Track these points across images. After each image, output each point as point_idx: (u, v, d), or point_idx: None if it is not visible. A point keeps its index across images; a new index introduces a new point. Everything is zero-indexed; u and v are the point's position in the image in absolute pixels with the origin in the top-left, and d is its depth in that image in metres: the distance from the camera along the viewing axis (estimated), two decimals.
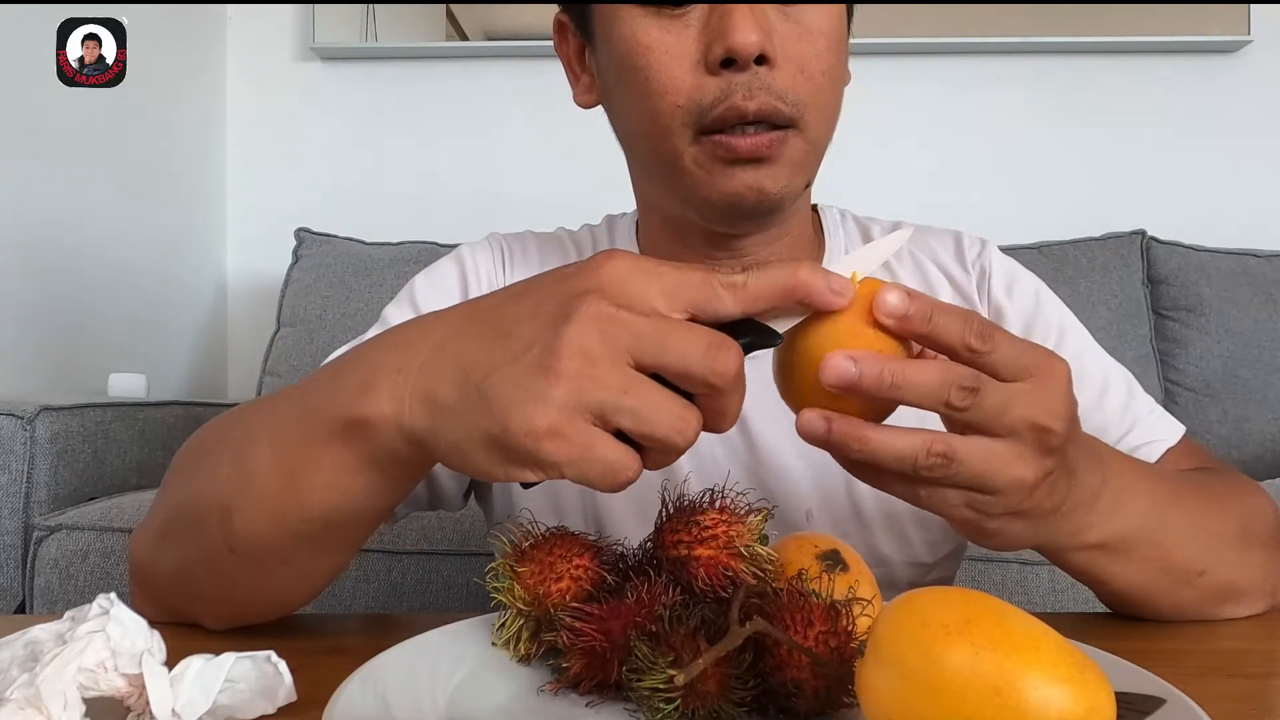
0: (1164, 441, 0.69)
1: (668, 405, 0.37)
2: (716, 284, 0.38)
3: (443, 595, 1.28)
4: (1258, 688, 0.48)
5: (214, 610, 0.55)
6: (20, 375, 1.60)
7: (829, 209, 0.78)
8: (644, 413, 0.37)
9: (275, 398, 0.52)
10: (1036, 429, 0.42)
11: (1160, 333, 1.91)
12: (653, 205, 0.72)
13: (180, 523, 0.53)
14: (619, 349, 0.37)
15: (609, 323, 0.37)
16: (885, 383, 0.39)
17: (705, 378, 0.37)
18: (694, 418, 0.38)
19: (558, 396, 0.37)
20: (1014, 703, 0.30)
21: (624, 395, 0.37)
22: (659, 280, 0.38)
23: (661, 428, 0.37)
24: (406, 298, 0.74)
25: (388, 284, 1.88)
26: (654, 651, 0.39)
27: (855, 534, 0.69)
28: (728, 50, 0.58)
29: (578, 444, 0.37)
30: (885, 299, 0.39)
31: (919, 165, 2.15)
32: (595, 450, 0.37)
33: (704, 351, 0.37)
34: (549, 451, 0.37)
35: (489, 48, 2.22)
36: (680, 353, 0.37)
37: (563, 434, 0.37)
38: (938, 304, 0.40)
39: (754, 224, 0.66)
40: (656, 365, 0.37)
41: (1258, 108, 2.13)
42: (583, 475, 0.37)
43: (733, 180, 0.61)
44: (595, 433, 0.37)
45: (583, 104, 0.71)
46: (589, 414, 0.37)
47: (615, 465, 0.37)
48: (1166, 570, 0.53)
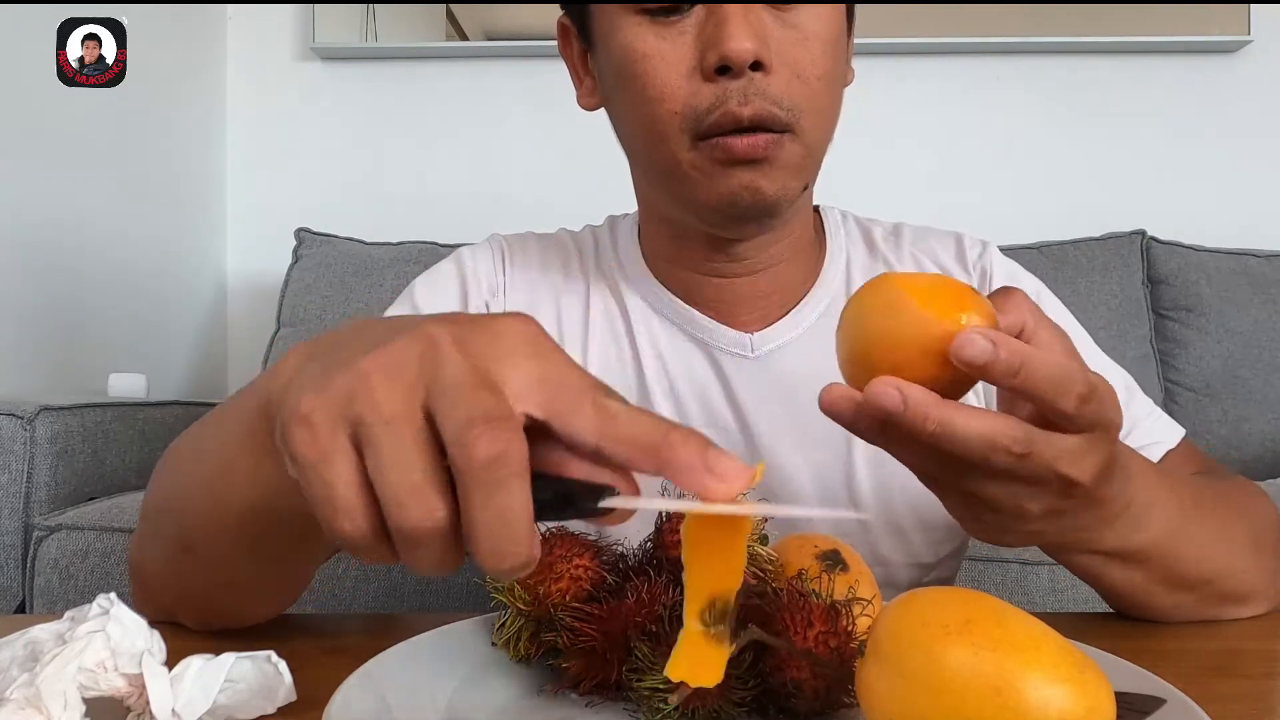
0: (1163, 444, 0.69)
1: (416, 465, 0.30)
2: (589, 397, 0.32)
3: (443, 595, 1.28)
4: (1258, 688, 0.48)
5: (186, 610, 0.55)
6: (20, 375, 1.60)
7: (830, 210, 0.78)
8: (387, 449, 0.30)
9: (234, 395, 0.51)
10: (1065, 481, 0.41)
11: (1160, 333, 1.91)
12: (653, 209, 0.72)
13: (150, 522, 0.54)
14: (419, 381, 0.31)
15: (432, 349, 0.32)
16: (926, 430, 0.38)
17: (454, 440, 0.30)
18: (435, 500, 0.30)
19: (333, 392, 0.31)
20: (1014, 703, 0.30)
21: (383, 424, 0.31)
22: (533, 362, 0.33)
23: (392, 480, 0.30)
24: (407, 300, 0.74)
25: (388, 284, 1.88)
26: (654, 651, 0.39)
27: (856, 534, 0.69)
28: (722, 58, 0.58)
29: (318, 448, 0.31)
30: (967, 345, 0.37)
31: (919, 165, 2.15)
32: (332, 466, 0.31)
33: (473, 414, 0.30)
34: (294, 438, 0.31)
35: (489, 48, 2.22)
36: (453, 403, 0.30)
37: (313, 428, 0.31)
38: (1027, 356, 0.38)
39: (752, 226, 0.66)
40: (432, 408, 0.31)
41: (1258, 108, 2.13)
42: (308, 486, 0.32)
43: (729, 181, 0.61)
44: (345, 453, 0.31)
45: (586, 107, 0.71)
46: (347, 425, 0.31)
47: (337, 499, 0.31)
48: (1173, 578, 0.53)
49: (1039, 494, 0.42)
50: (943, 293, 0.40)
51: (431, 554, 0.32)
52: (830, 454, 0.69)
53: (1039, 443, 0.40)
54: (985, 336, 0.37)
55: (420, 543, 0.31)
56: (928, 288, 0.40)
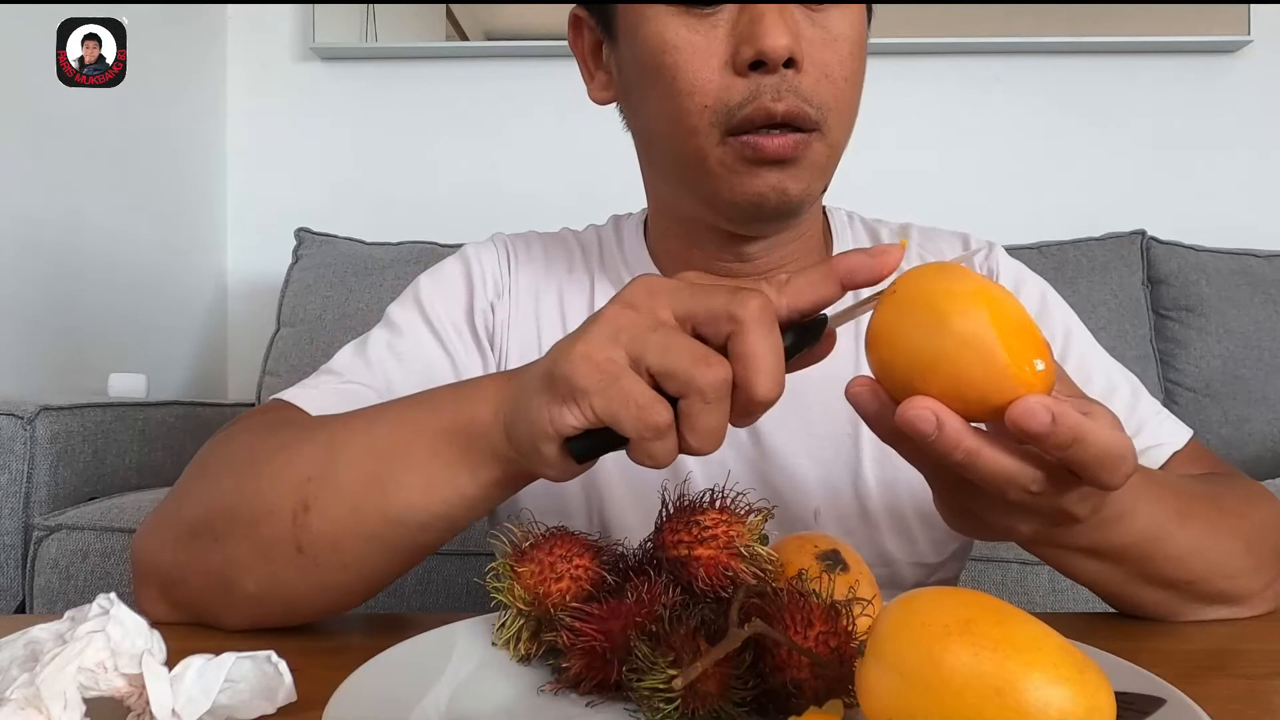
0: (1170, 445, 0.68)
1: (691, 344, 0.40)
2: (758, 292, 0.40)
3: (443, 595, 1.28)
4: (1258, 688, 0.48)
5: (246, 611, 0.54)
6: (20, 375, 1.60)
7: (836, 211, 0.78)
8: (667, 343, 0.40)
9: (369, 408, 0.55)
10: (1064, 514, 0.43)
11: (1160, 333, 1.91)
12: (667, 205, 0.72)
13: (230, 520, 0.53)
14: (659, 301, 0.41)
15: (655, 284, 0.42)
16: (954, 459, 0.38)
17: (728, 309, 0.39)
18: (718, 360, 0.39)
19: (596, 331, 0.41)
20: (1014, 703, 0.30)
21: (650, 331, 0.40)
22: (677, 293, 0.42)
23: (682, 361, 0.39)
24: (411, 297, 0.74)
25: (388, 284, 1.88)
26: (654, 651, 0.39)
27: (861, 533, 0.69)
28: (758, 53, 0.58)
29: (606, 371, 0.40)
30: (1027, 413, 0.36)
31: (919, 165, 2.15)
32: (622, 381, 0.39)
33: (727, 299, 0.39)
34: (581, 375, 0.40)
35: (489, 48, 2.22)
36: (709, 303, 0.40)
37: (594, 359, 0.40)
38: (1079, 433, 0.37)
39: (773, 226, 0.66)
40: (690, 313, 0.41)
41: (1258, 108, 2.13)
42: (609, 406, 0.40)
43: (757, 181, 0.61)
44: (625, 367, 0.40)
45: (598, 100, 0.70)
46: (620, 348, 0.40)
47: (641, 400, 0.39)
48: (1146, 578, 0.54)
49: (1033, 520, 0.44)
50: (1016, 333, 0.37)
51: (720, 414, 0.40)
52: (836, 453, 0.69)
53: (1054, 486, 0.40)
54: (1045, 408, 0.36)
55: (716, 399, 0.39)
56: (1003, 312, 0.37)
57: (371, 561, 0.52)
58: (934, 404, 0.38)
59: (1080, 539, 0.48)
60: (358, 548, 0.50)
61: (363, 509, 0.49)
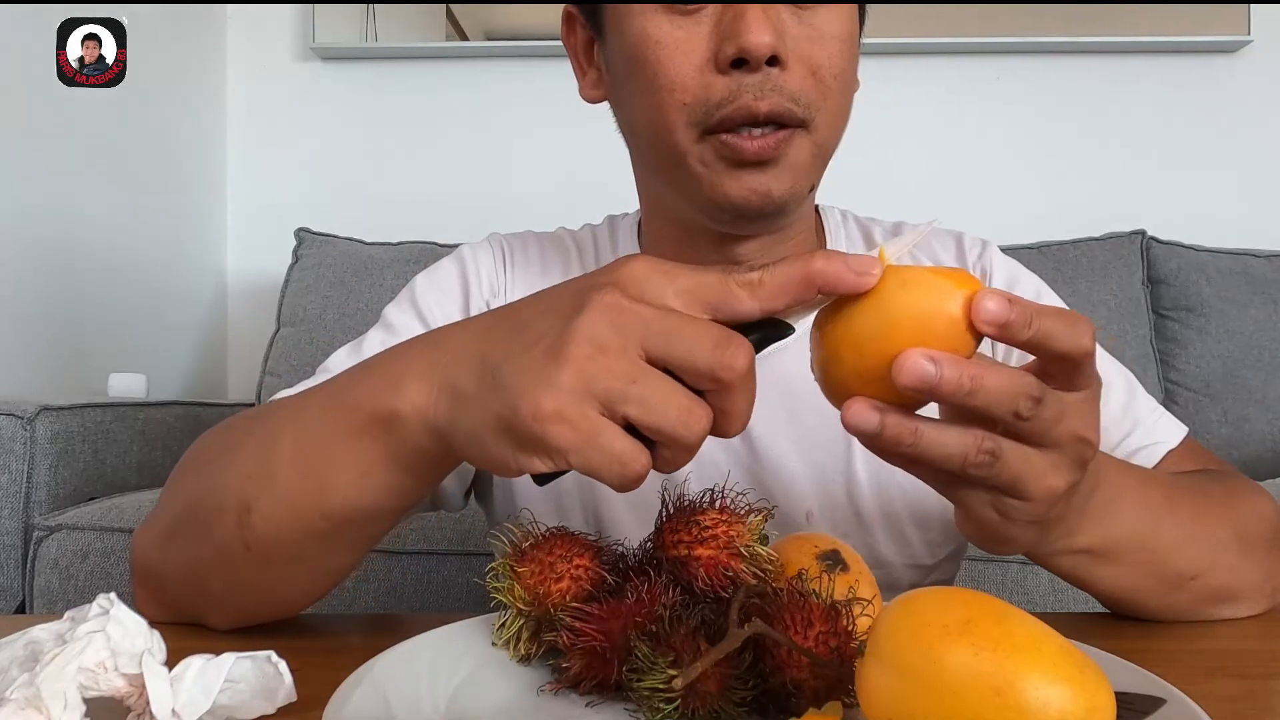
0: (1165, 444, 0.68)
1: (675, 397, 0.37)
2: (733, 285, 0.38)
3: (443, 595, 1.28)
4: (1258, 688, 0.48)
5: (222, 610, 0.55)
6: (20, 375, 1.60)
7: (830, 210, 0.78)
8: (651, 402, 0.37)
9: (301, 395, 0.53)
10: (1079, 441, 0.40)
11: (1160, 333, 1.91)
12: (658, 204, 0.72)
13: (193, 520, 0.53)
14: (629, 338, 0.37)
15: (621, 313, 0.37)
16: (964, 389, 0.36)
17: (713, 371, 0.37)
18: (703, 412, 0.37)
19: (565, 381, 0.37)
20: (1014, 703, 0.30)
21: (631, 384, 0.37)
22: (676, 280, 0.38)
23: (669, 419, 0.37)
24: (407, 297, 0.74)
25: (388, 284, 1.88)
26: (654, 651, 0.39)
27: (855, 535, 0.69)
28: (740, 50, 0.58)
29: (583, 430, 0.37)
30: (985, 304, 0.36)
31: (919, 165, 2.15)
32: (601, 439, 0.37)
33: (712, 345, 0.37)
34: (554, 435, 0.37)
35: (489, 48, 2.22)
36: (688, 346, 0.37)
37: (568, 418, 0.37)
38: (1038, 309, 0.38)
39: (760, 225, 0.66)
40: (665, 357, 0.37)
41: (1258, 108, 2.13)
42: (588, 464, 0.37)
43: (738, 184, 0.61)
44: (602, 422, 0.37)
45: (589, 99, 0.70)
46: (596, 401, 0.37)
47: (622, 457, 0.37)
48: (1156, 575, 0.53)
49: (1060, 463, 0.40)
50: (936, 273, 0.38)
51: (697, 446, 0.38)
52: (829, 455, 0.69)
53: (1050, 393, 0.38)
54: (926, 358, 0.36)
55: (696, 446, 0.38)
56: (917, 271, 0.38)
57: (322, 555, 0.51)
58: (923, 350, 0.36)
59: (1078, 538, 0.48)
60: (304, 544, 0.49)
61: (301, 508, 0.48)
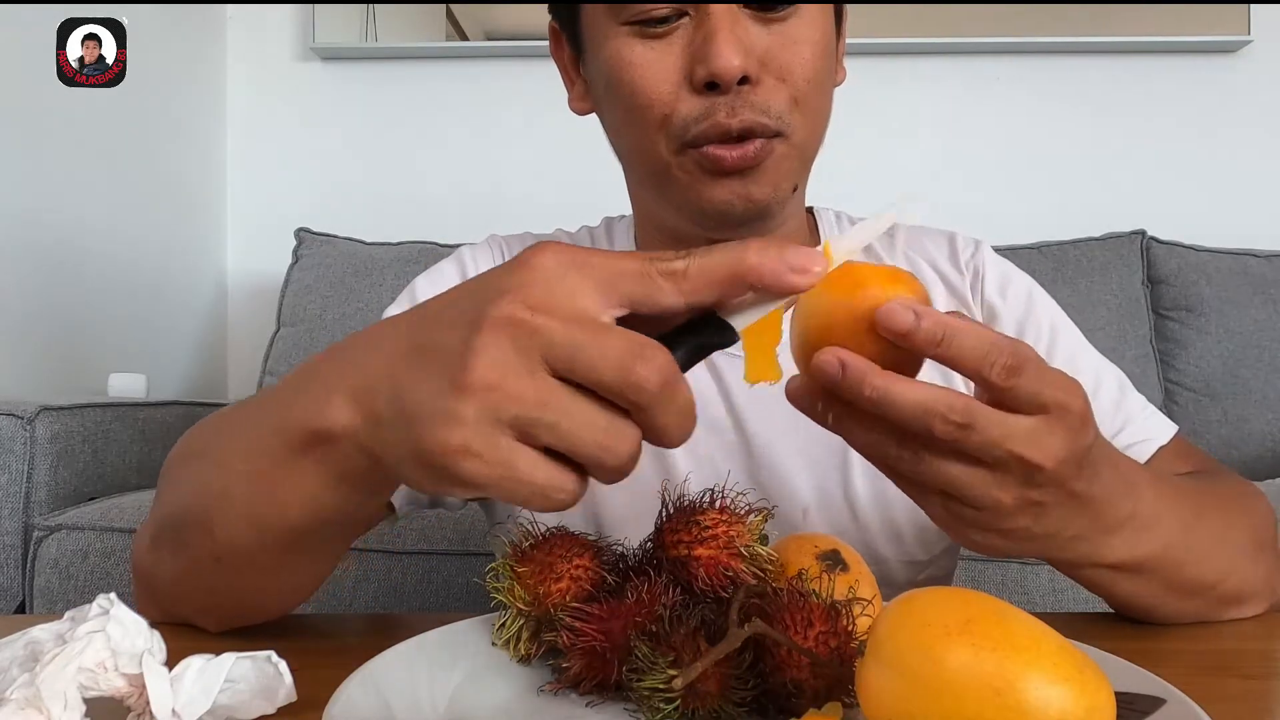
0: (1155, 441, 0.69)
1: (592, 418, 0.33)
2: (654, 273, 0.34)
3: (443, 595, 1.28)
4: (1258, 688, 0.48)
5: (208, 615, 0.55)
6: (20, 375, 1.60)
7: (824, 211, 0.78)
8: (564, 427, 0.33)
9: (250, 406, 0.51)
10: (1024, 463, 0.39)
11: (1160, 333, 1.91)
12: (648, 213, 0.73)
13: (169, 531, 0.53)
14: (532, 357, 0.33)
15: (520, 329, 0.33)
16: (863, 395, 0.37)
17: (621, 391, 0.33)
18: (627, 432, 0.34)
19: (469, 413, 0.33)
20: (1014, 703, 0.30)
21: (541, 409, 0.33)
22: (590, 274, 0.34)
23: (586, 443, 0.33)
24: (407, 299, 0.74)
25: (388, 284, 1.88)
26: (654, 651, 0.39)
27: (851, 532, 0.69)
28: (710, 75, 0.59)
29: (496, 463, 0.33)
30: (890, 314, 0.36)
31: (919, 165, 2.15)
32: (518, 470, 0.33)
33: (618, 363, 0.33)
34: (467, 471, 0.33)
35: (489, 48, 2.22)
36: (591, 362, 0.33)
37: (476, 452, 0.33)
38: (951, 326, 0.37)
39: (745, 230, 0.66)
40: (569, 374, 0.33)
41: (1258, 108, 2.13)
42: (509, 497, 0.34)
43: (721, 190, 0.62)
44: (517, 450, 0.33)
45: (578, 110, 0.72)
46: (508, 429, 0.33)
47: (545, 488, 0.34)
48: (1179, 586, 0.53)
49: (1004, 481, 0.40)
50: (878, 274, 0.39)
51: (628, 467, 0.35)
52: (826, 454, 0.69)
53: (981, 417, 0.38)
54: (908, 306, 0.37)
55: (625, 468, 0.34)
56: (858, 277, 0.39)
57: (293, 565, 0.50)
58: (838, 350, 0.37)
59: (1111, 554, 0.48)
60: (271, 556, 0.48)
61: (260, 524, 0.46)
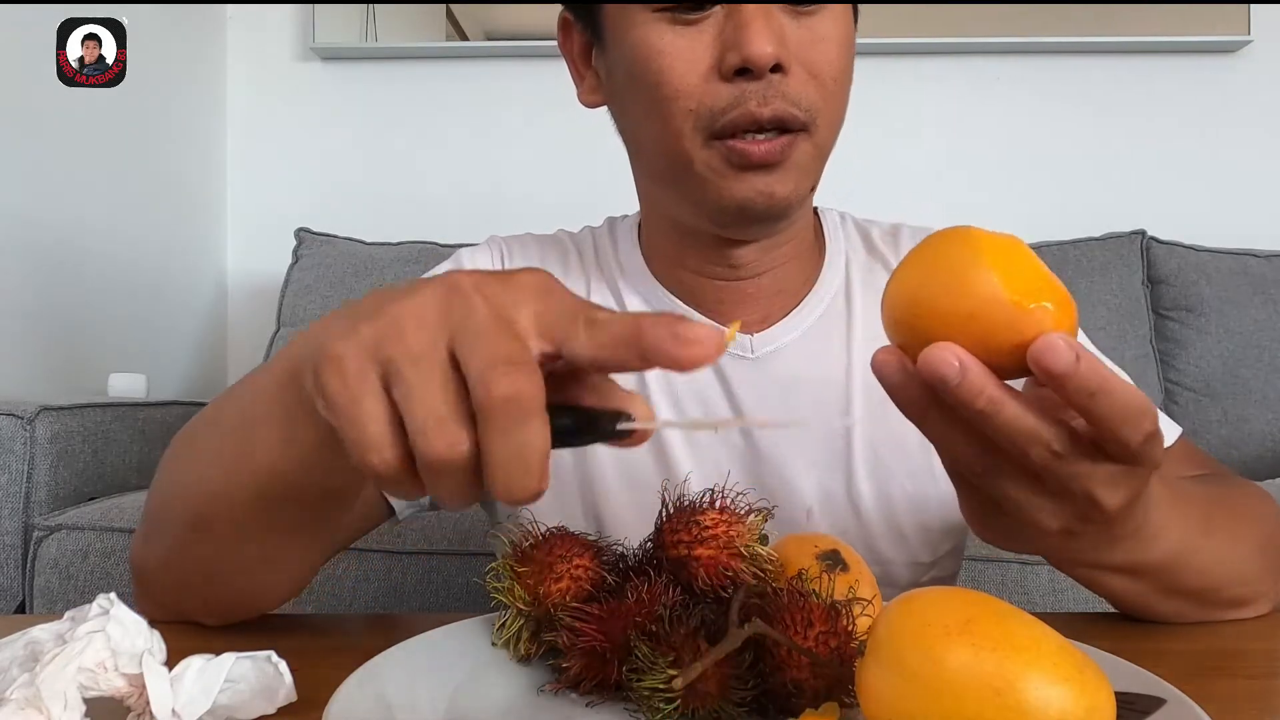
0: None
1: (439, 398, 0.32)
2: (581, 316, 0.34)
3: (443, 595, 1.28)
4: (1258, 688, 0.48)
5: (204, 605, 0.55)
6: (20, 375, 1.60)
7: (829, 212, 0.78)
8: (414, 389, 0.32)
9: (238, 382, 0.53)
10: (1089, 500, 0.40)
11: (1160, 333, 1.91)
12: (657, 209, 0.72)
13: (162, 513, 0.54)
14: (444, 325, 0.33)
15: (454, 298, 0.34)
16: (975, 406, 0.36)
17: (474, 384, 0.32)
18: (455, 435, 0.32)
19: (363, 334, 0.34)
20: (1014, 703, 0.30)
21: (411, 363, 0.33)
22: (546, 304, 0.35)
23: (415, 415, 0.32)
24: None
25: (387, 284, 1.88)
26: (654, 651, 0.39)
27: (854, 533, 0.69)
28: (744, 60, 0.58)
29: (350, 387, 0.33)
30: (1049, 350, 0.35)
31: (919, 165, 2.15)
32: (363, 405, 0.33)
33: (492, 356, 0.32)
34: (326, 379, 0.34)
35: (489, 48, 2.22)
36: (472, 346, 0.33)
37: (344, 371, 0.33)
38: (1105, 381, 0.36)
39: (761, 228, 0.66)
40: (455, 354, 0.33)
41: (1258, 108, 2.13)
42: (340, 425, 0.34)
43: (744, 186, 0.61)
44: (374, 393, 0.33)
45: (587, 104, 0.71)
46: (377, 366, 0.33)
47: (366, 438, 0.33)
48: (1179, 589, 0.53)
49: (1060, 510, 0.41)
50: (1027, 273, 0.36)
51: (454, 484, 0.33)
52: (830, 455, 0.69)
53: (1075, 454, 0.38)
54: (1070, 346, 0.35)
55: (443, 473, 0.32)
56: (1012, 261, 0.37)
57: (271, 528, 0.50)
58: (958, 349, 0.36)
59: (1112, 559, 0.48)
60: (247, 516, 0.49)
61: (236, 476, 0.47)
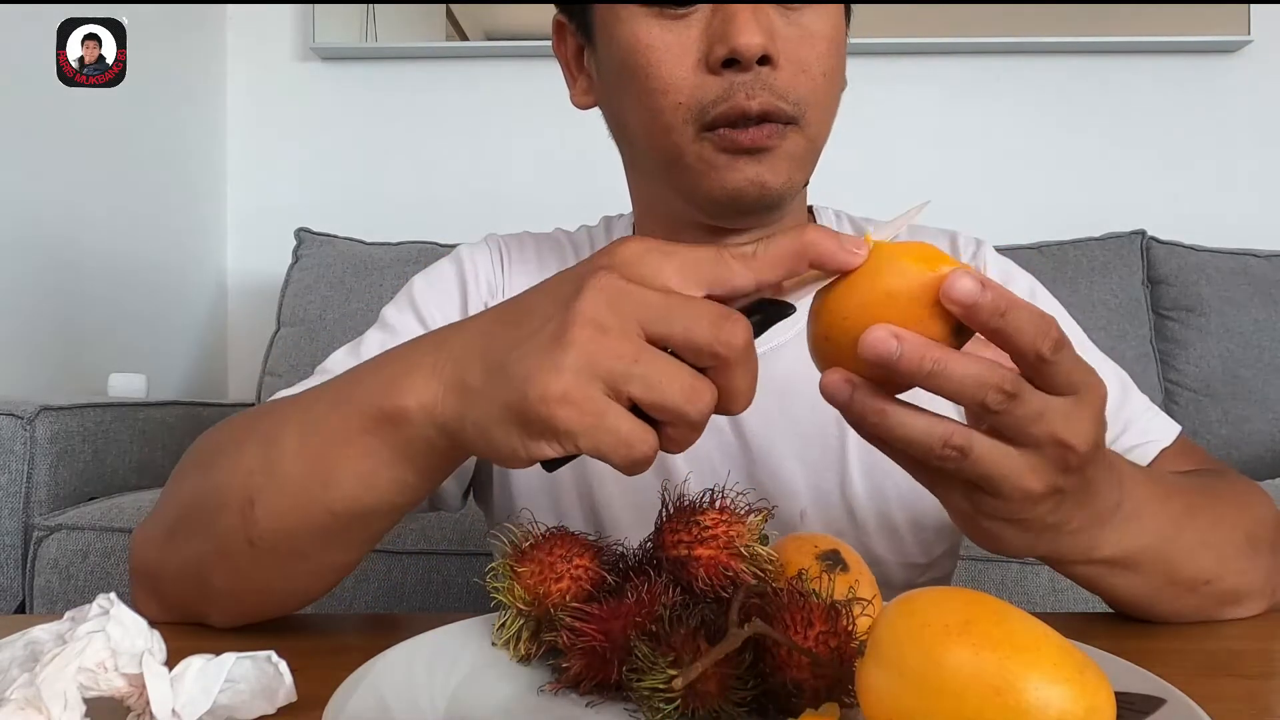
0: (1159, 442, 0.68)
1: (678, 374, 0.38)
2: (728, 257, 0.39)
3: (443, 595, 1.28)
4: (1258, 688, 0.48)
5: (224, 607, 0.55)
6: (20, 375, 1.60)
7: (824, 210, 0.78)
8: (653, 380, 0.37)
9: (305, 392, 0.53)
10: (1059, 445, 0.40)
11: (1160, 333, 1.91)
12: (650, 205, 0.72)
13: (195, 516, 0.53)
14: (628, 319, 0.38)
15: (618, 294, 0.38)
16: (924, 370, 0.37)
17: (712, 347, 0.37)
18: (706, 389, 0.38)
19: (570, 363, 0.37)
20: (1014, 703, 0.30)
21: (634, 363, 0.37)
22: (672, 259, 0.39)
23: (672, 396, 0.37)
24: (405, 298, 0.74)
25: (388, 284, 1.88)
26: (654, 651, 0.39)
27: (849, 534, 0.69)
28: (731, 51, 0.58)
29: (590, 412, 0.37)
30: (956, 284, 0.37)
31: (919, 165, 2.15)
32: (607, 420, 0.37)
33: (710, 322, 0.37)
34: (562, 419, 0.37)
35: (489, 48, 2.22)
36: (686, 323, 0.37)
37: (574, 400, 0.37)
38: (1013, 300, 0.38)
39: (754, 219, 0.66)
40: (664, 336, 0.38)
41: (1258, 108, 2.13)
42: (597, 446, 0.38)
43: (735, 174, 0.62)
44: (608, 403, 0.37)
45: (580, 105, 0.71)
46: (601, 383, 0.37)
47: (629, 438, 0.37)
48: (1173, 582, 0.53)
49: (1038, 466, 0.41)
50: (929, 251, 0.39)
51: (702, 424, 0.39)
52: (825, 454, 0.69)
53: (1025, 389, 0.39)
54: (974, 276, 0.37)
55: (698, 426, 0.39)
56: (914, 247, 0.39)
57: (325, 552, 0.51)
58: (889, 326, 0.37)
59: (1102, 549, 0.48)
60: (307, 540, 0.49)
61: (305, 504, 0.48)
